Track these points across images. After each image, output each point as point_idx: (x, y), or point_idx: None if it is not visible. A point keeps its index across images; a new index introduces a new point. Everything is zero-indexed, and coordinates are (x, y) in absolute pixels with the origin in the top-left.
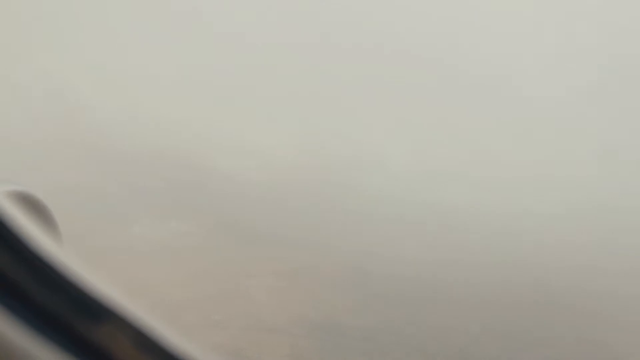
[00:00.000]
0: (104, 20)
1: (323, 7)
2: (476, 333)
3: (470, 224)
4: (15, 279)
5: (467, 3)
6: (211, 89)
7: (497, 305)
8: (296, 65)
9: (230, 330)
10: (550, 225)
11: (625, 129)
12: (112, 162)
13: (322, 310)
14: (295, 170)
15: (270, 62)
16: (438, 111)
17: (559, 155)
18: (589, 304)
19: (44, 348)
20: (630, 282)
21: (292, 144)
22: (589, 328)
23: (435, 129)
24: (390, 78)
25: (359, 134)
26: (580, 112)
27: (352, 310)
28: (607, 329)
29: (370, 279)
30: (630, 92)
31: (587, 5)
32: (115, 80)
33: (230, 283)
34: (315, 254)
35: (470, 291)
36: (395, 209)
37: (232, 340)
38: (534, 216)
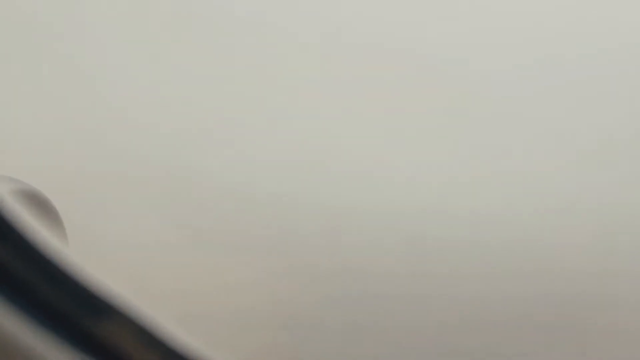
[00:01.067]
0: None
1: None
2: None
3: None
4: (20, 276)
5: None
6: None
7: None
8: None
9: (210, 325)
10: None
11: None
12: (97, 148)
13: (301, 306)
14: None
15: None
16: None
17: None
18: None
19: (49, 344)
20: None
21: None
22: None
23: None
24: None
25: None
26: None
27: (332, 307)
28: None
29: (349, 276)
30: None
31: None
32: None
33: (211, 278)
34: (295, 253)
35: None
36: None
37: (212, 335)
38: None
